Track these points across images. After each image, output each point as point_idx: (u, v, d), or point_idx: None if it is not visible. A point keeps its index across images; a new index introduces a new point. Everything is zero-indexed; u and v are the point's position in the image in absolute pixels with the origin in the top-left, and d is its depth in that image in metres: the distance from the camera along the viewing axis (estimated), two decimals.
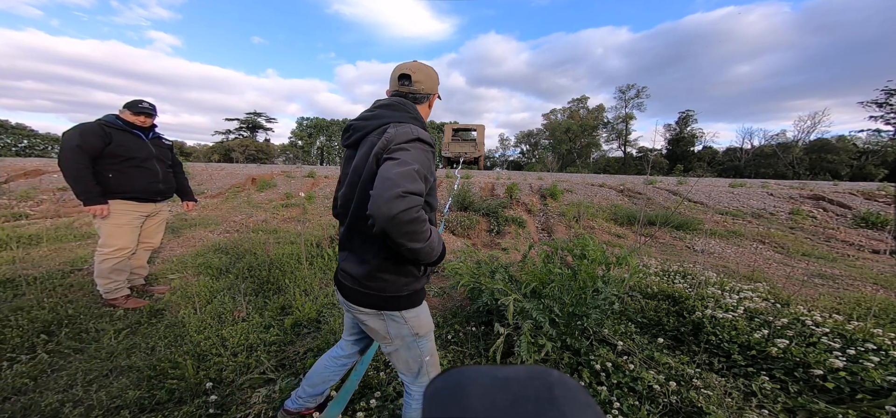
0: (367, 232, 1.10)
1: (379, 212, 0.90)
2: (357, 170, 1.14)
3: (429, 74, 1.27)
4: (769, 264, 4.79)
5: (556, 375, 0.31)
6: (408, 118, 1.14)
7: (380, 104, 1.22)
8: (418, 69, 1.25)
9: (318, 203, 7.87)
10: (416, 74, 1.24)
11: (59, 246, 4.28)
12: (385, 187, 0.90)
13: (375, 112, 1.19)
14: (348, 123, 1.25)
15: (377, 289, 1.15)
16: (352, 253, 1.20)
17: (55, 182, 8.06)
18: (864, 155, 36.44)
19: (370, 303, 1.17)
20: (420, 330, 1.23)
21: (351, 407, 1.73)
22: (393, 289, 1.16)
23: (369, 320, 1.21)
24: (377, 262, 1.13)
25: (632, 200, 8.79)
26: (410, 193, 0.91)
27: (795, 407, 1.76)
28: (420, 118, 1.20)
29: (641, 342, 2.30)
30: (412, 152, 1.00)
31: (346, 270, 1.21)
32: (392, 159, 0.98)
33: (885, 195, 8.32)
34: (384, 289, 1.15)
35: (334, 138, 54.92)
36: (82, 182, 2.42)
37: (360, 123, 1.19)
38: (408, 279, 1.17)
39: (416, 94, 1.25)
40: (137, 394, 1.78)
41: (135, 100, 2.68)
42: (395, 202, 0.89)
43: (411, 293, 1.19)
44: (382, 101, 1.24)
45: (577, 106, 57.24)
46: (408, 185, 0.91)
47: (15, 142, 36.46)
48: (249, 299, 2.86)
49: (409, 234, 0.94)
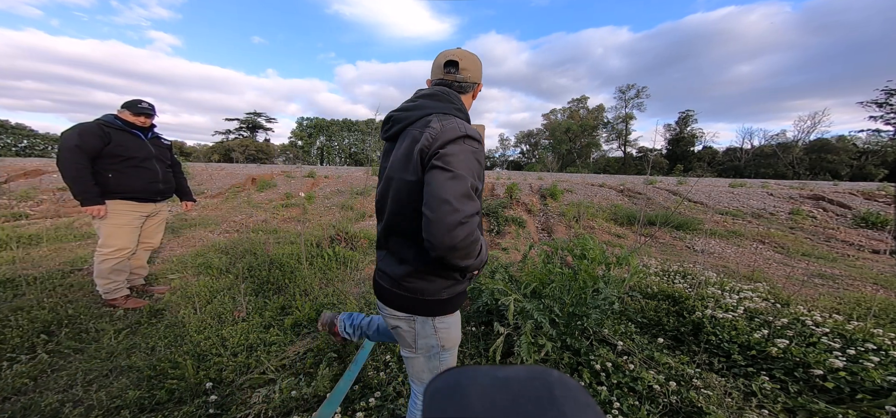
0: (404, 231, 1.07)
1: (439, 242, 0.86)
2: (395, 166, 1.06)
3: (475, 62, 1.19)
4: (769, 264, 4.79)
5: (556, 375, 0.31)
6: (452, 109, 1.07)
7: (421, 93, 1.14)
8: (465, 56, 1.17)
9: (318, 203, 7.87)
10: (464, 61, 1.15)
11: (59, 246, 4.28)
12: (444, 213, 0.85)
13: (417, 102, 1.11)
14: (388, 114, 1.18)
15: (415, 292, 1.09)
16: (389, 253, 1.14)
17: (55, 182, 8.06)
18: (864, 155, 36.44)
19: (405, 306, 1.11)
20: (447, 344, 1.16)
21: (351, 406, 1.73)
22: (431, 293, 1.09)
23: (400, 324, 1.15)
24: (417, 263, 1.07)
25: (632, 200, 8.79)
26: (470, 217, 0.87)
27: (795, 407, 1.76)
28: (465, 110, 1.13)
29: (641, 342, 2.30)
30: (463, 157, 0.92)
31: (383, 270, 1.16)
32: (444, 169, 0.90)
33: (885, 195, 8.32)
34: (422, 292, 1.09)
35: (334, 138, 54.92)
36: (81, 182, 2.41)
37: (401, 114, 1.11)
38: (448, 282, 1.11)
39: (463, 82, 1.16)
40: (137, 394, 1.78)
41: (134, 100, 2.67)
42: (455, 231, 0.85)
43: (451, 297, 1.12)
44: (424, 90, 1.16)
45: (577, 106, 57.24)
46: (466, 208, 0.87)
47: (15, 142, 36.47)
48: (249, 299, 2.86)
49: (465, 257, 0.91)
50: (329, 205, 7.61)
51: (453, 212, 0.85)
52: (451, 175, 0.89)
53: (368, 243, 4.55)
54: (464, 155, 0.93)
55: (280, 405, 1.73)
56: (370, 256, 4.23)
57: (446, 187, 0.87)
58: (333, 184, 9.40)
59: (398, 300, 1.12)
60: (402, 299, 1.11)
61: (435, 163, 0.92)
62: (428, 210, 0.88)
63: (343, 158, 54.72)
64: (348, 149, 55.11)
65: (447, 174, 0.89)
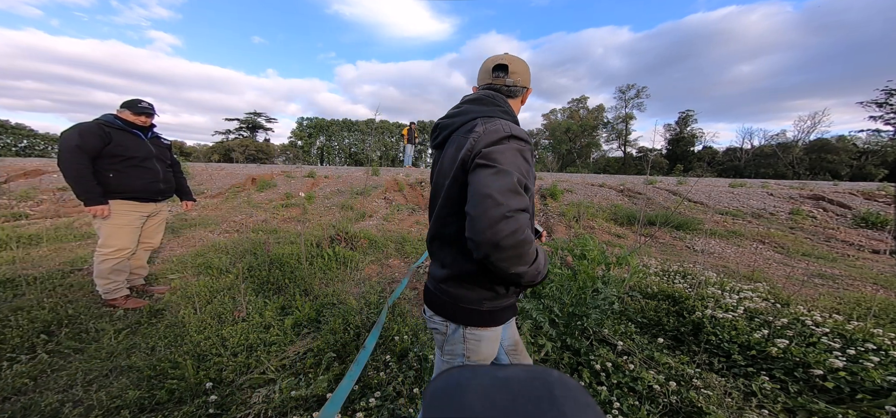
0: (444, 236, 1.06)
1: (481, 238, 0.81)
2: (442, 173, 1.05)
3: (523, 67, 1.15)
4: (769, 264, 4.78)
5: (556, 375, 0.31)
6: (498, 112, 1.03)
7: (467, 99, 1.12)
8: (514, 60, 1.13)
9: (318, 203, 7.87)
10: (513, 64, 1.12)
11: (59, 246, 4.28)
12: (485, 206, 0.80)
13: (462, 108, 1.09)
14: (435, 123, 1.16)
15: (454, 298, 1.05)
16: (433, 257, 1.14)
17: (55, 182, 8.06)
18: (864, 155, 36.44)
19: (443, 310, 1.08)
20: (472, 357, 1.08)
21: (351, 406, 1.73)
22: (470, 302, 1.04)
23: (437, 326, 1.11)
24: (456, 269, 1.03)
25: (632, 200, 8.78)
26: (516, 211, 0.80)
27: (795, 407, 1.76)
28: (512, 113, 1.08)
29: (641, 342, 2.30)
30: (508, 155, 0.87)
31: (431, 274, 1.15)
32: (487, 165, 0.86)
33: (885, 195, 8.32)
34: (461, 300, 1.04)
35: (334, 138, 54.86)
36: (83, 182, 2.41)
37: (447, 121, 1.10)
38: (489, 293, 1.04)
39: (512, 87, 1.12)
40: (137, 394, 1.78)
41: (134, 99, 2.67)
42: (499, 226, 0.79)
43: (492, 310, 1.06)
44: (470, 95, 1.13)
45: (577, 106, 57.19)
46: (512, 202, 0.80)
47: (15, 142, 36.46)
48: (249, 299, 2.86)
49: (514, 259, 0.84)
50: (329, 205, 7.61)
51: (496, 206, 0.79)
52: (495, 170, 0.84)
53: (368, 243, 4.55)
54: (509, 152, 0.88)
55: (280, 405, 1.73)
56: (370, 256, 4.23)
57: (488, 182, 0.83)
58: (333, 184, 9.40)
59: (438, 303, 1.10)
60: (442, 303, 1.08)
61: (478, 162, 0.88)
62: (470, 207, 0.84)
63: (343, 158, 54.69)
64: (348, 149, 55.05)
65: (490, 170, 0.85)
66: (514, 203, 0.81)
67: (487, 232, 0.79)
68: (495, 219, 0.79)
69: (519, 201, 0.82)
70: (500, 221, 0.79)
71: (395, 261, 4.28)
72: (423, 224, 6.39)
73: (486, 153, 0.87)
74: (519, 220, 0.80)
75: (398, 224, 6.23)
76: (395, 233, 5.31)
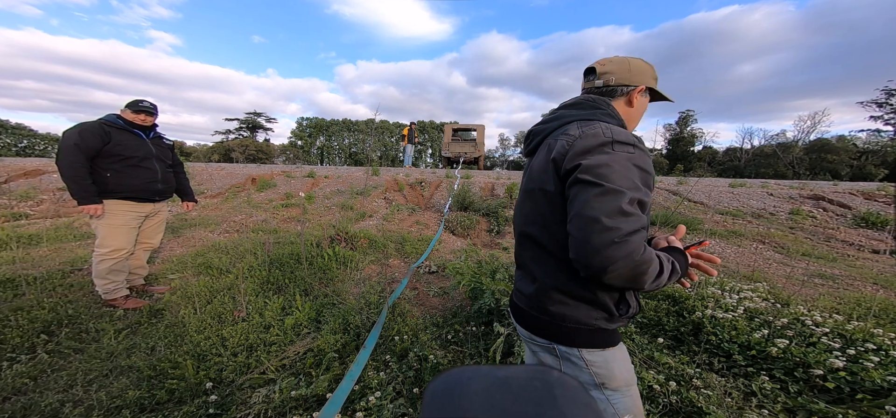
0: (533, 247, 0.97)
1: (587, 263, 0.75)
2: (533, 179, 0.97)
3: (622, 63, 1.01)
4: (769, 264, 4.78)
5: (556, 375, 0.31)
6: (599, 115, 0.92)
7: (564, 104, 1.04)
8: (608, 61, 1.03)
9: (318, 203, 7.87)
10: (605, 65, 1.02)
11: (59, 246, 4.28)
12: (592, 232, 0.73)
13: (557, 112, 1.01)
14: (528, 130, 1.10)
15: (552, 317, 0.93)
16: (522, 269, 1.04)
17: (55, 182, 8.06)
18: (864, 155, 36.42)
19: (544, 332, 0.96)
20: (609, 382, 0.92)
21: (351, 406, 1.73)
22: (575, 320, 0.91)
23: (542, 353, 0.99)
24: (551, 283, 0.92)
25: None
26: (630, 234, 0.72)
27: (795, 407, 1.76)
28: (617, 116, 0.95)
29: (641, 342, 2.30)
30: (615, 167, 0.77)
31: (519, 289, 1.04)
32: (589, 182, 0.77)
33: (885, 195, 8.32)
34: (563, 318, 0.91)
35: (334, 138, 54.86)
36: (77, 181, 2.42)
37: (539, 127, 1.03)
38: (597, 312, 0.90)
39: (605, 86, 1.00)
40: (137, 394, 1.78)
41: (136, 99, 2.69)
42: (608, 253, 0.72)
43: (600, 330, 0.91)
44: (567, 101, 1.05)
45: None
46: (623, 225, 0.72)
47: (15, 142, 36.47)
48: (249, 299, 2.86)
49: (631, 280, 0.76)
50: (329, 205, 7.61)
51: (604, 232, 0.72)
52: (601, 189, 0.75)
53: (368, 243, 4.55)
54: (617, 163, 0.78)
55: (280, 405, 1.73)
56: (370, 256, 4.23)
57: (593, 204, 0.75)
58: (333, 184, 9.40)
59: (535, 323, 0.98)
60: (541, 324, 0.96)
61: (579, 177, 0.79)
62: (574, 228, 0.77)
63: (343, 158, 54.67)
64: (348, 149, 55.03)
65: (595, 189, 0.76)
66: (626, 225, 0.73)
67: (594, 258, 0.74)
68: (603, 245, 0.72)
69: (631, 223, 0.74)
70: (609, 247, 0.72)
71: (395, 261, 4.28)
72: (423, 224, 6.39)
73: (588, 167, 0.78)
74: (632, 243, 0.73)
75: (398, 224, 6.23)
76: (395, 234, 5.31)
